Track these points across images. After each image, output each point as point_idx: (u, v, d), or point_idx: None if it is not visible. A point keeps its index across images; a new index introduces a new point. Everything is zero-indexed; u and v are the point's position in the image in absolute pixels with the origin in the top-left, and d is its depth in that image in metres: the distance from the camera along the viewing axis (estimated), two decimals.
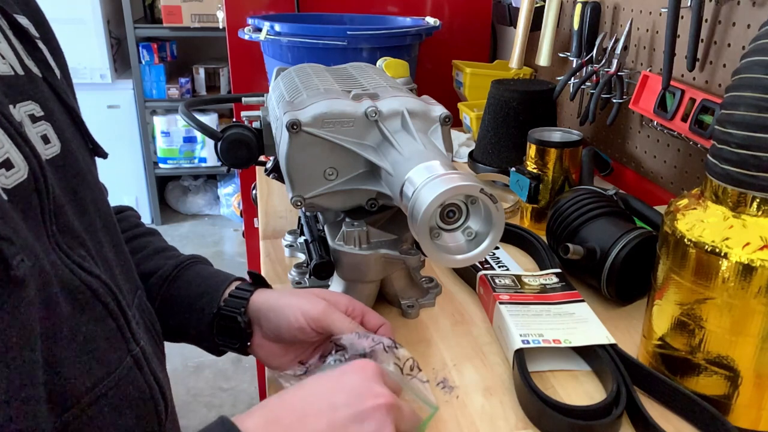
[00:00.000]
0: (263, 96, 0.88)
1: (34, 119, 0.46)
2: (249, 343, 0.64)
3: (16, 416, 0.38)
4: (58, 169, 0.47)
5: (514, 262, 0.86)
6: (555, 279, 0.77)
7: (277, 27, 1.28)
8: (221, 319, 0.64)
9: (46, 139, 0.47)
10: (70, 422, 0.43)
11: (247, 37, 1.35)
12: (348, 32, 1.26)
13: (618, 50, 1.08)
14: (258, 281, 0.67)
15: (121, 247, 0.56)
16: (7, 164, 0.41)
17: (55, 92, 0.50)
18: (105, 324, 0.47)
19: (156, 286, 0.66)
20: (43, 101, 0.48)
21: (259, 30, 1.30)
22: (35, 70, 0.49)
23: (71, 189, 0.48)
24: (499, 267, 0.84)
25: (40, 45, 0.51)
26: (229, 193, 3.41)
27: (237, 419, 0.45)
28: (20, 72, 0.47)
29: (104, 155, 0.56)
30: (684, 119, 0.92)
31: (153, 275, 0.66)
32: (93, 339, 0.46)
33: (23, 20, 0.51)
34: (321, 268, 0.70)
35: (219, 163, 0.82)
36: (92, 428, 0.45)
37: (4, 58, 0.46)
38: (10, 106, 0.44)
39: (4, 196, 0.39)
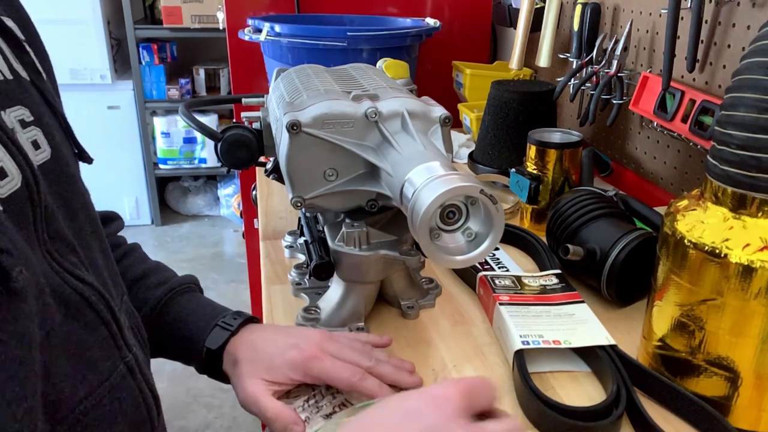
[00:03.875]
0: (263, 97, 0.88)
1: (24, 124, 0.46)
2: None
3: (19, 428, 0.37)
4: (49, 175, 0.46)
5: (513, 263, 0.86)
6: (555, 280, 0.77)
7: (277, 28, 1.28)
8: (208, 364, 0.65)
9: (36, 145, 0.46)
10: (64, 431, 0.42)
11: (247, 38, 1.35)
12: (348, 33, 1.26)
13: (618, 51, 1.08)
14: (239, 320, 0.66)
15: (107, 251, 0.55)
16: (2, 173, 0.40)
17: (43, 96, 0.50)
18: (97, 332, 0.47)
19: None
20: (33, 106, 0.47)
21: (259, 31, 1.30)
22: (23, 74, 0.49)
23: (61, 195, 0.48)
24: (499, 268, 0.84)
25: (27, 48, 0.50)
26: (229, 194, 3.41)
27: None
28: (9, 76, 0.46)
29: (89, 161, 0.55)
30: (684, 120, 0.92)
31: None
32: (86, 347, 0.45)
33: (9, 22, 0.50)
34: (321, 268, 0.70)
35: (219, 164, 0.81)
36: None
37: None
38: (1, 113, 0.43)
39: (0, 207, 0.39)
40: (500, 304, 0.71)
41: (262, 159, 0.82)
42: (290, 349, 0.60)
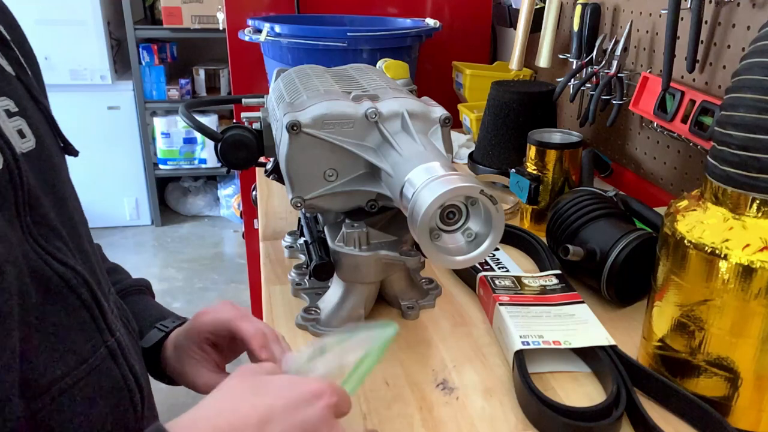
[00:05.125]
0: (263, 97, 0.89)
1: (9, 114, 0.47)
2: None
3: None
4: (35, 163, 0.47)
5: (513, 263, 0.86)
6: (555, 280, 0.77)
7: (278, 28, 1.29)
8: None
9: (21, 134, 0.47)
10: (38, 411, 0.43)
11: (247, 39, 1.35)
12: (348, 33, 1.26)
13: (618, 52, 1.08)
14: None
15: (93, 244, 0.56)
16: None
17: (28, 91, 0.51)
18: (78, 314, 0.48)
19: None
20: (17, 98, 0.49)
21: (260, 31, 1.30)
22: (9, 69, 0.50)
23: (48, 182, 0.49)
24: (499, 268, 0.84)
25: (12, 45, 0.51)
26: (229, 195, 3.41)
27: (172, 427, 0.42)
28: None
29: (75, 153, 0.56)
30: (684, 121, 0.92)
31: None
32: (64, 329, 0.46)
33: None
34: (321, 269, 0.70)
35: (219, 165, 0.81)
36: (62, 417, 0.45)
37: None
38: None
39: None
40: (500, 304, 0.71)
41: (262, 159, 0.82)
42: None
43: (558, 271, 0.79)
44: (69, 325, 0.47)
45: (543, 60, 1.23)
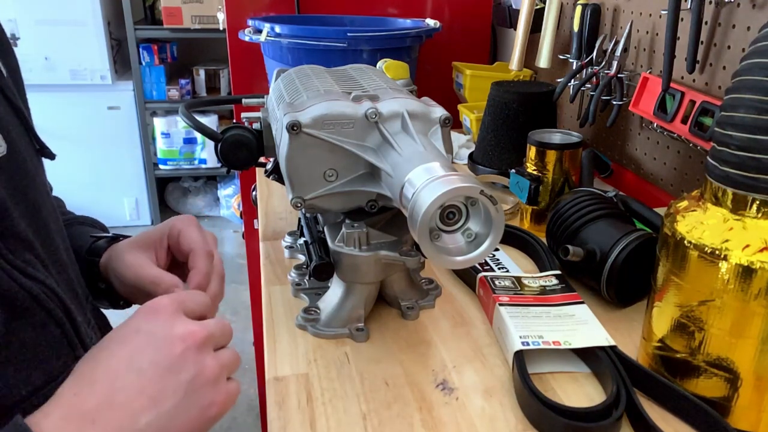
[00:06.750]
0: (263, 97, 0.89)
1: None
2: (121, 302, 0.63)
3: None
4: (6, 170, 0.45)
5: (513, 263, 0.86)
6: (555, 281, 0.77)
7: (278, 28, 1.29)
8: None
9: None
10: None
11: (247, 39, 1.35)
12: (348, 34, 1.26)
13: (618, 52, 1.08)
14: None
15: (70, 251, 0.54)
16: None
17: (1, 92, 0.49)
18: (47, 330, 0.46)
19: None
20: None
21: (260, 31, 1.30)
22: None
23: (20, 191, 0.47)
24: (499, 269, 0.84)
25: None
26: (229, 195, 3.41)
27: (32, 420, 0.38)
28: None
29: (51, 156, 0.54)
30: (684, 121, 0.92)
31: None
32: (32, 346, 0.44)
33: None
34: (321, 269, 0.70)
35: (219, 165, 0.81)
36: None
37: None
38: None
39: None
40: (500, 304, 0.71)
41: (262, 159, 0.82)
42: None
43: (558, 272, 0.79)
44: (37, 343, 0.45)
45: (543, 60, 1.23)
